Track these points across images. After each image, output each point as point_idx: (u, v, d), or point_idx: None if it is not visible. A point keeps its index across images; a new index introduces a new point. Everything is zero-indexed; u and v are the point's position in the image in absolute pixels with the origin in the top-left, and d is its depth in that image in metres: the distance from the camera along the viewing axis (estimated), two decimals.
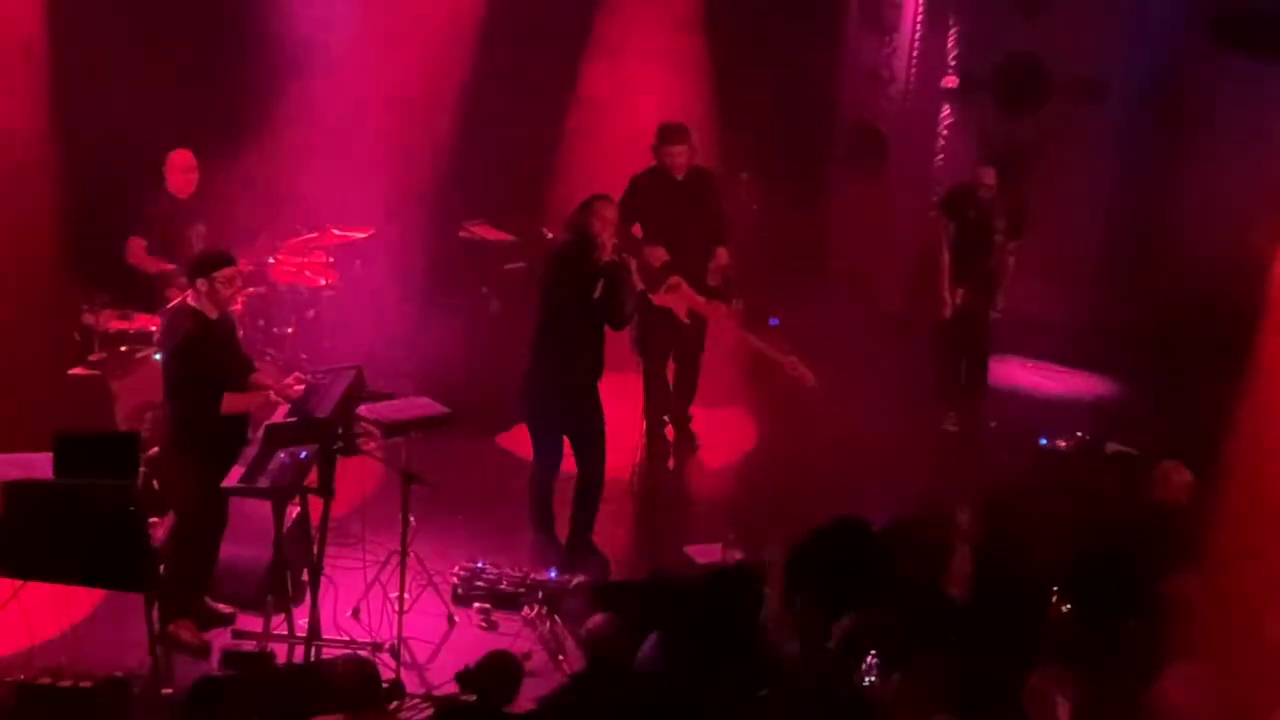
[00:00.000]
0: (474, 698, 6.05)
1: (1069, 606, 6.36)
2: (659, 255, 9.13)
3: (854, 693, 5.91)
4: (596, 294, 8.04)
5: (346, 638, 7.38)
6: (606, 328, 8.21)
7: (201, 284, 7.30)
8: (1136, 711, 5.93)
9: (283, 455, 7.11)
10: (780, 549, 6.77)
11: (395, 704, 6.92)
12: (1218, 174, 10.92)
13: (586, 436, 8.29)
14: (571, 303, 8.09)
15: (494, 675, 6.01)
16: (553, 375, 8.18)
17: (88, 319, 9.06)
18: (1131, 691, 5.98)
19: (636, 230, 9.24)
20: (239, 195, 9.73)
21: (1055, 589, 6.85)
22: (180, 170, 9.22)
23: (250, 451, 7.16)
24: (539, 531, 8.42)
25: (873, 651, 5.93)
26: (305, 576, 7.42)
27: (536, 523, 8.43)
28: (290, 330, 9.59)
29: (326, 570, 7.50)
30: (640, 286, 8.72)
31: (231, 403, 7.32)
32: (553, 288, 8.22)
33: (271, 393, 7.51)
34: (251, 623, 7.42)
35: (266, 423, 7.27)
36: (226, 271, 7.38)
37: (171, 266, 9.03)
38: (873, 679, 5.87)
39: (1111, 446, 9.37)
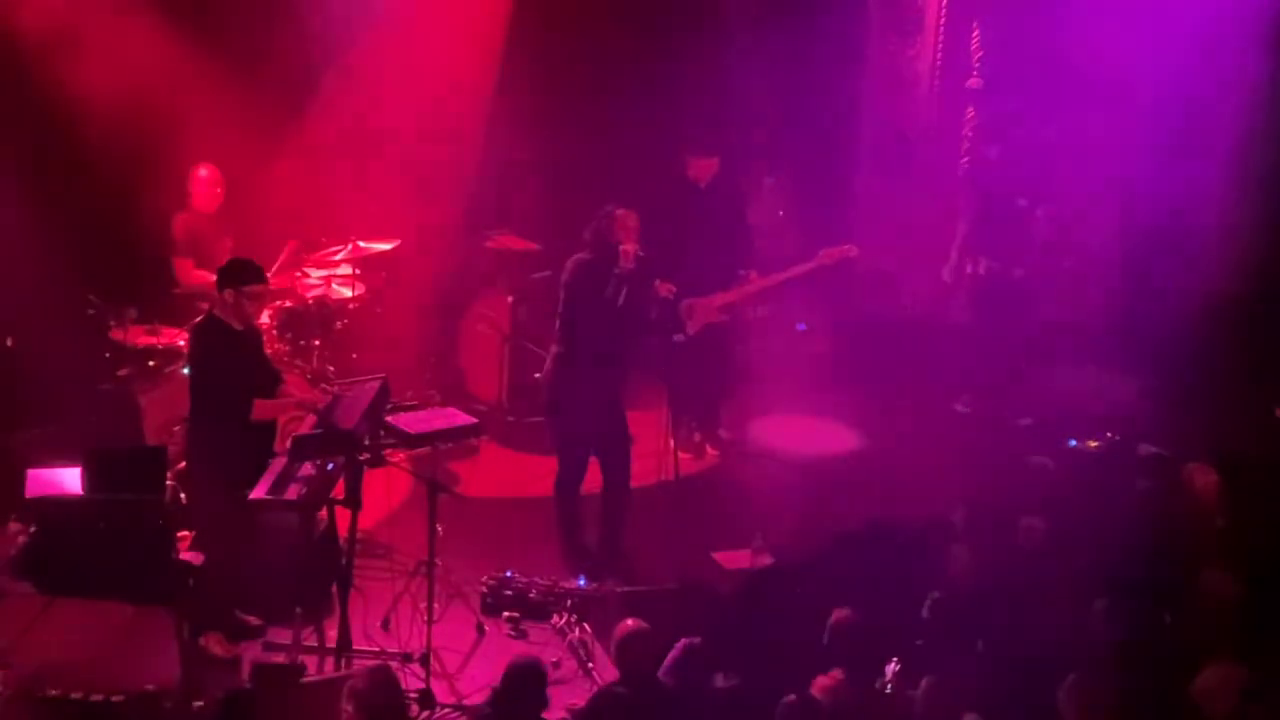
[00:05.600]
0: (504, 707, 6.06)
1: (1101, 607, 6.31)
2: (665, 290, 9.06)
3: (880, 699, 5.89)
4: (620, 301, 8.05)
5: (377, 648, 7.40)
6: (630, 334, 8.22)
7: (228, 294, 7.33)
8: (1173, 709, 5.90)
9: (309, 467, 7.13)
10: None
11: (426, 714, 6.93)
12: (1244, 175, 10.84)
13: (612, 444, 8.28)
14: (596, 311, 8.08)
15: (518, 687, 6.01)
16: (578, 384, 8.18)
17: (116, 334, 9.11)
18: (1168, 690, 5.94)
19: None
20: (265, 209, 9.78)
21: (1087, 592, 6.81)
22: (205, 184, 9.28)
23: (277, 464, 7.19)
24: (566, 540, 8.41)
25: (894, 658, 5.91)
26: (334, 588, 7.43)
27: (563, 531, 8.43)
28: (317, 343, 9.61)
29: (355, 581, 7.52)
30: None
31: (262, 409, 7.35)
32: (576, 297, 8.22)
33: (298, 404, 7.55)
34: (281, 634, 7.44)
35: (293, 434, 7.29)
36: (256, 288, 7.42)
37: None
38: (892, 685, 5.84)
39: (1144, 448, 9.31)
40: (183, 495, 7.78)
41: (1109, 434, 9.71)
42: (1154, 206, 10.96)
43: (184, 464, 7.96)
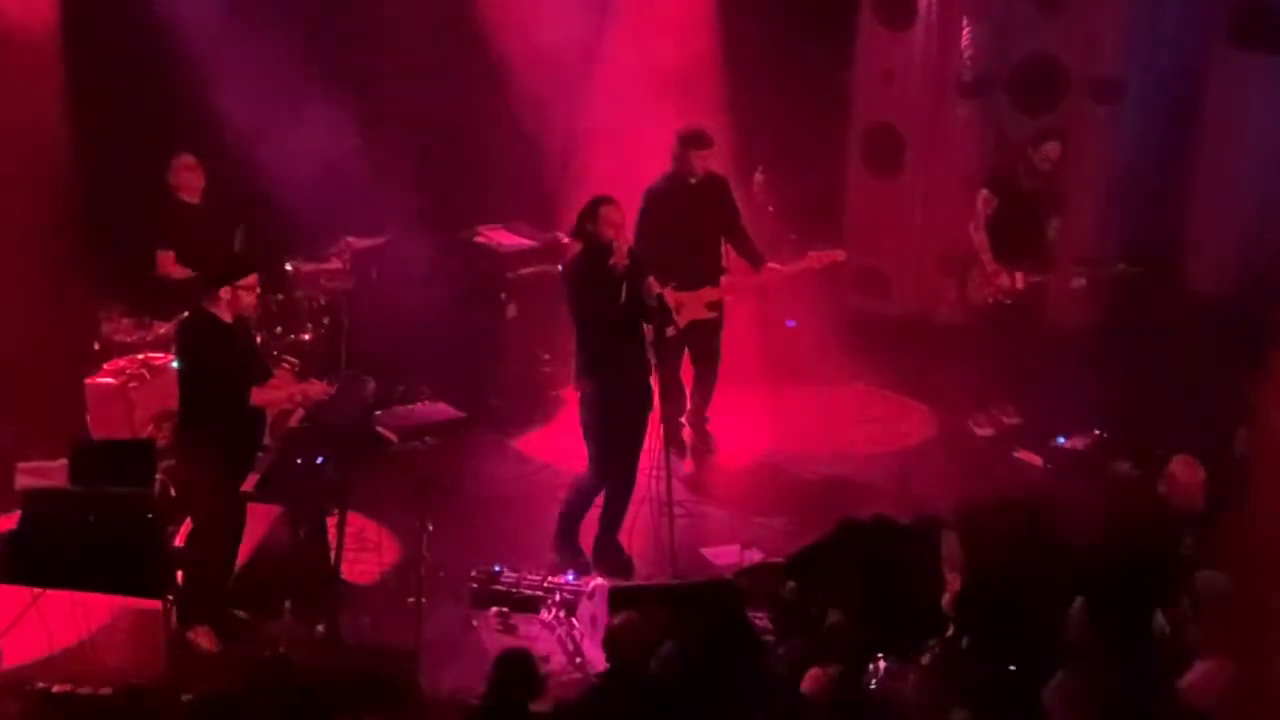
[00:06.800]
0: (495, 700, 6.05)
1: (1084, 604, 6.32)
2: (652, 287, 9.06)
3: (866, 696, 5.90)
4: (622, 299, 8.03)
5: (366, 643, 7.39)
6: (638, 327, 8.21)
7: (225, 291, 7.33)
8: (1162, 708, 5.91)
9: (299, 461, 7.14)
10: None
11: (414, 708, 6.93)
12: (1236, 173, 10.87)
13: (629, 435, 8.25)
14: (600, 311, 8.07)
15: (511, 674, 6.01)
16: (605, 382, 8.14)
17: (106, 327, 9.10)
18: (1156, 688, 5.96)
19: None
20: (254, 201, 9.76)
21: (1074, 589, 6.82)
22: (186, 173, 9.25)
23: (267, 458, 7.19)
24: (562, 534, 8.37)
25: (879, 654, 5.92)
26: (323, 582, 7.43)
27: (564, 525, 8.37)
28: (307, 337, 9.60)
29: (344, 575, 7.51)
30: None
31: (259, 395, 7.36)
32: (578, 299, 8.20)
33: (289, 398, 7.55)
34: (270, 628, 7.43)
35: (283, 429, 7.29)
36: (249, 279, 7.42)
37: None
38: (879, 680, 5.85)
39: (1131, 445, 9.32)
40: (172, 489, 7.76)
41: (1096, 431, 9.73)
42: (1148, 205, 11.00)
43: (173, 458, 7.95)
